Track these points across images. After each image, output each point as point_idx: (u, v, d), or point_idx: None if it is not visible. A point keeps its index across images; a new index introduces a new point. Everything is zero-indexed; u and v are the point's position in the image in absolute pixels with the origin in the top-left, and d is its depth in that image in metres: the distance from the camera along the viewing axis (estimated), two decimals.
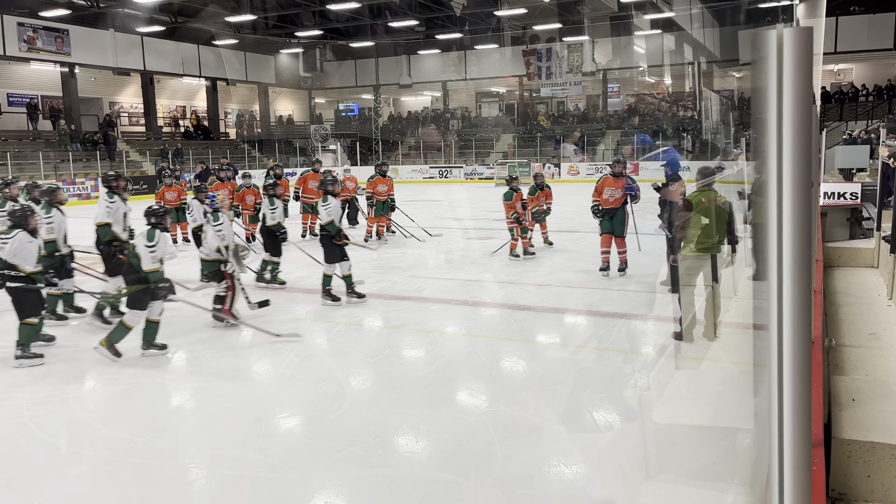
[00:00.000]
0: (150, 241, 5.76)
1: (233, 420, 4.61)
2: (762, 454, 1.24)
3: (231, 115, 37.44)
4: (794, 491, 1.11)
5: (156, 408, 4.88)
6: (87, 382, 5.52)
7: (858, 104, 28.49)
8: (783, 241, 1.05)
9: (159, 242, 5.81)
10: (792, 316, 1.07)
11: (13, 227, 5.77)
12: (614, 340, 6.33)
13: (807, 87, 1.00)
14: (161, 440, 4.31)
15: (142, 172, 26.52)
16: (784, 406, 1.08)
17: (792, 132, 1.01)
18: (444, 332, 6.61)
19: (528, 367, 5.78)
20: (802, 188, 1.03)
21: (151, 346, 6.00)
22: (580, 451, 4.14)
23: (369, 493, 3.64)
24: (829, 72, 30.77)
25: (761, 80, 1.05)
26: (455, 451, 4.09)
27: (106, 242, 7.09)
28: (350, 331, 6.76)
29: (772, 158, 1.03)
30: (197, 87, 34.58)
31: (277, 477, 3.78)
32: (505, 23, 29.91)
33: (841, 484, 3.01)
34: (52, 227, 7.08)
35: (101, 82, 30.08)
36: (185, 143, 29.83)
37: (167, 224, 6.14)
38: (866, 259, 6.74)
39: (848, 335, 4.45)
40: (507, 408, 4.76)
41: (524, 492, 3.65)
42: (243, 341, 6.59)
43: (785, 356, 1.08)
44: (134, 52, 28.47)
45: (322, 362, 5.92)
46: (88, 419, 4.71)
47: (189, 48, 30.68)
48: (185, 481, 3.85)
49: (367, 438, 4.20)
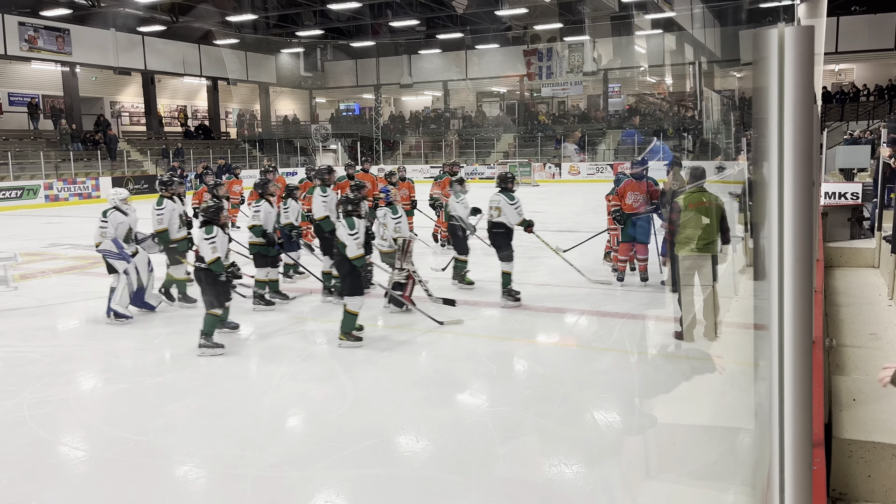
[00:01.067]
0: (351, 229, 6.05)
1: (233, 419, 4.61)
2: (763, 454, 1.24)
3: (232, 114, 37.45)
4: (795, 491, 1.11)
5: (156, 407, 4.88)
6: (87, 382, 5.53)
7: (859, 104, 28.48)
8: (784, 240, 1.05)
9: (359, 230, 6.11)
10: (793, 316, 1.07)
11: (208, 223, 6.07)
12: (615, 340, 6.33)
13: (808, 86, 0.99)
14: (161, 439, 4.31)
15: (143, 172, 26.54)
16: (785, 406, 1.08)
17: (793, 131, 1.01)
18: (445, 332, 6.61)
19: (528, 367, 5.78)
20: (804, 188, 1.03)
21: (349, 338, 6.11)
22: (581, 451, 4.14)
23: (370, 493, 3.64)
24: (829, 72, 30.75)
25: (763, 79, 1.05)
26: (456, 450, 4.09)
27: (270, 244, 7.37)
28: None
29: (773, 158, 1.03)
30: (198, 87, 34.59)
31: (278, 476, 3.78)
32: (506, 22, 29.90)
33: (842, 484, 3.00)
34: (259, 216, 7.35)
35: (102, 82, 30.10)
36: (186, 142, 29.84)
37: (361, 212, 6.40)
38: (867, 259, 6.74)
39: (849, 335, 4.44)
40: (508, 408, 4.76)
41: (524, 492, 3.64)
42: (244, 341, 6.60)
43: (786, 356, 1.08)
44: (135, 51, 28.49)
45: (323, 362, 5.92)
46: (89, 418, 4.71)
47: (190, 48, 30.69)
48: (185, 481, 3.85)
49: (367, 438, 4.20)
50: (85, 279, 9.45)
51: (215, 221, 6.05)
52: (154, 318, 7.26)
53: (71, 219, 17.96)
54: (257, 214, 7.35)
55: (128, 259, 6.87)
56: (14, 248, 11.08)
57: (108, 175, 24.67)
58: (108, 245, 6.83)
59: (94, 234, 6.91)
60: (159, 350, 6.29)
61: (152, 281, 7.25)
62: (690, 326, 5.91)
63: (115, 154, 26.37)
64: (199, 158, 25.77)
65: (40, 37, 25.21)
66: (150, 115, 30.75)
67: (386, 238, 7.24)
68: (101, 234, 6.84)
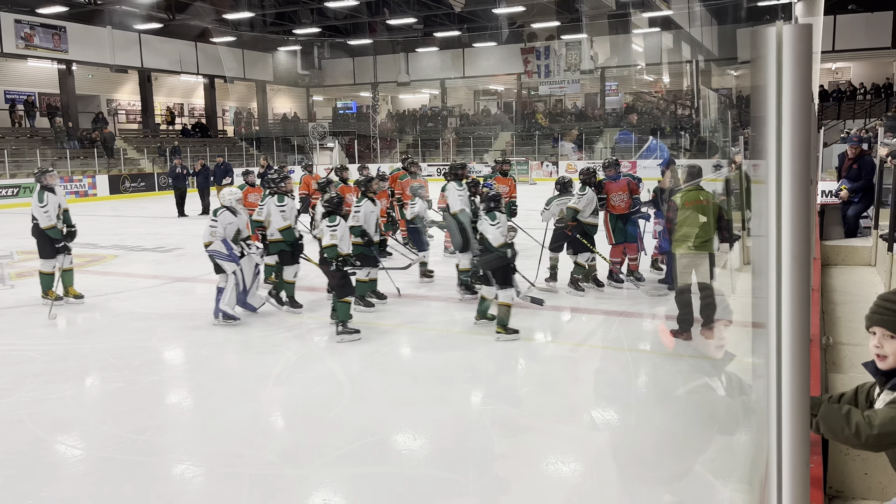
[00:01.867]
0: (493, 220, 6.31)
1: (231, 418, 4.61)
2: (760, 452, 1.24)
3: (229, 112, 37.39)
4: (793, 488, 1.11)
5: (153, 405, 4.87)
6: (84, 380, 5.52)
7: (856, 103, 28.52)
8: (782, 238, 1.05)
9: (501, 221, 6.31)
10: (790, 314, 1.07)
11: (331, 214, 6.32)
12: (612, 338, 6.34)
13: (806, 84, 1.00)
14: (159, 438, 4.30)
15: (139, 170, 26.49)
16: (783, 403, 1.08)
17: (791, 129, 1.01)
18: (442, 329, 6.61)
19: (526, 365, 5.79)
20: (801, 186, 1.03)
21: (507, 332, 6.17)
22: (578, 448, 4.14)
23: (367, 491, 3.64)
24: (826, 70, 30.79)
25: (761, 77, 1.05)
26: (453, 448, 4.09)
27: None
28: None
29: (771, 156, 1.03)
30: (195, 85, 34.52)
31: (275, 474, 3.78)
32: (503, 20, 29.89)
33: (838, 481, 3.01)
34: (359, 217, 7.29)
35: (99, 79, 30.02)
36: (183, 140, 29.78)
37: (500, 205, 6.54)
38: (863, 257, 6.75)
39: (845, 333, 4.45)
40: (506, 405, 4.77)
41: (522, 489, 3.65)
42: (241, 338, 6.59)
43: (783, 354, 1.08)
44: (131, 49, 28.42)
45: (320, 360, 5.92)
46: (86, 417, 4.70)
47: (187, 45, 30.62)
48: (182, 479, 3.85)
49: (365, 436, 4.20)
50: (81, 277, 9.43)
51: (338, 212, 6.37)
52: (152, 317, 7.25)
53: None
54: (357, 214, 7.22)
55: (236, 260, 6.80)
56: (10, 247, 11.07)
57: (104, 173, 24.62)
58: (218, 246, 6.72)
59: (204, 233, 6.78)
60: (157, 348, 6.28)
61: (258, 283, 7.18)
62: (687, 324, 5.92)
63: (113, 152, 26.32)
64: (196, 156, 25.72)
65: (36, 34, 25.14)
66: (146, 113, 30.68)
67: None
68: (210, 234, 6.72)
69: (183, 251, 11.62)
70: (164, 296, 8.31)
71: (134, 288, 8.75)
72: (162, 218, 17.19)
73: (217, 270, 6.84)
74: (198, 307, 7.54)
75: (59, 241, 7.57)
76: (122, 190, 24.38)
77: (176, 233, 14.23)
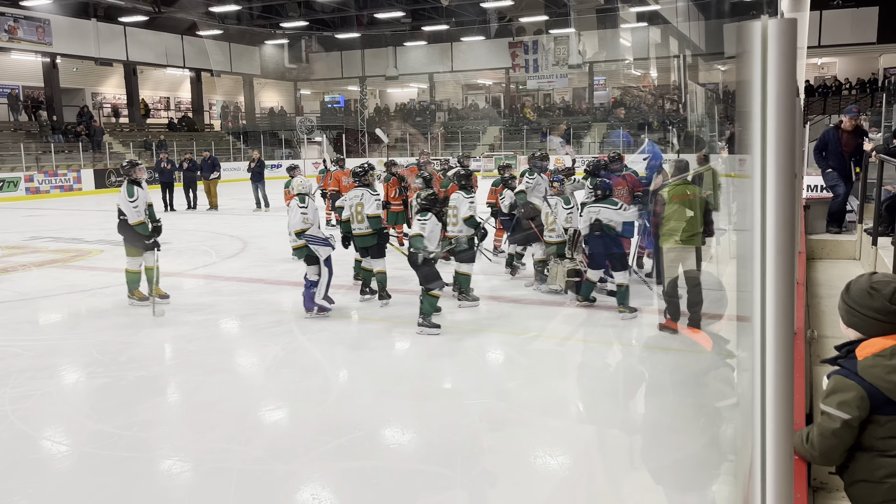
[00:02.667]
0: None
1: (218, 413, 4.59)
2: (745, 444, 1.25)
3: (216, 106, 37.15)
4: (777, 480, 1.12)
5: (140, 401, 4.84)
6: (70, 376, 5.48)
7: (842, 98, 28.72)
8: (767, 232, 1.06)
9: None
10: (775, 307, 1.07)
11: (426, 211, 6.45)
12: (600, 332, 6.36)
13: (791, 78, 1.00)
14: (145, 433, 4.28)
15: None
16: (767, 396, 1.09)
17: (776, 122, 1.01)
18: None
19: (514, 359, 5.80)
20: (786, 180, 1.03)
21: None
22: (566, 442, 4.16)
23: (356, 485, 3.64)
24: (812, 65, 30.98)
25: (746, 72, 1.05)
26: (441, 442, 4.09)
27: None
28: (336, 323, 6.74)
29: (756, 150, 1.04)
30: (181, 78, 34.27)
31: (263, 470, 3.77)
32: (491, 15, 29.86)
33: (822, 474, 3.04)
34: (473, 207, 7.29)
35: (84, 73, 29.73)
36: (169, 134, 29.57)
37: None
38: (848, 251, 6.81)
39: (829, 326, 4.49)
40: (494, 399, 4.78)
41: (510, 483, 3.66)
42: (228, 334, 6.57)
43: (768, 347, 1.09)
44: (116, 42, 28.17)
45: (308, 355, 5.91)
46: (72, 413, 4.67)
47: (172, 38, 30.39)
48: (169, 475, 3.83)
49: (353, 431, 4.20)
50: (67, 272, 9.36)
51: (431, 209, 6.48)
52: (138, 313, 7.21)
53: (52, 211, 17.77)
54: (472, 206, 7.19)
55: (333, 246, 6.78)
56: None
57: (89, 167, 24.41)
58: (315, 231, 6.67)
59: (294, 222, 6.66)
60: (143, 343, 6.24)
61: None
62: (674, 318, 5.96)
63: (100, 146, 26.09)
64: (183, 151, 25.56)
65: (20, 27, 24.85)
66: (132, 106, 30.42)
67: (555, 228, 7.30)
68: (303, 220, 6.63)
69: (169, 246, 11.53)
70: None
71: (120, 283, 8.67)
72: None
73: (309, 262, 6.72)
74: (185, 302, 7.50)
75: (147, 238, 7.28)
76: (108, 184, 24.18)
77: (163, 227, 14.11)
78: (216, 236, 12.78)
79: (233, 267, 9.67)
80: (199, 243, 11.93)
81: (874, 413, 1.95)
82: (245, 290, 8.19)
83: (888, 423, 1.94)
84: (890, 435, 1.95)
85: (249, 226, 14.17)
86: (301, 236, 6.65)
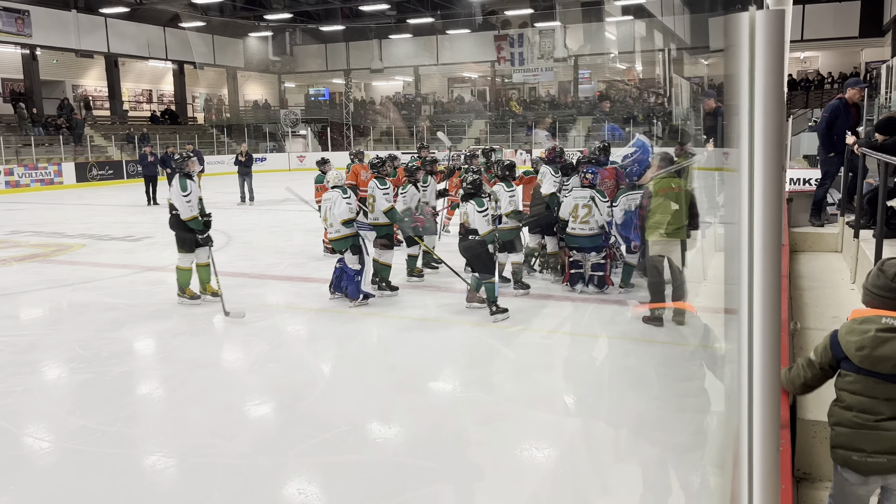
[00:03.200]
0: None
1: (203, 408, 4.56)
2: (731, 435, 1.25)
3: (199, 99, 36.82)
4: (763, 471, 1.12)
5: (123, 396, 4.80)
6: (52, 371, 5.42)
7: (824, 91, 28.97)
8: (755, 225, 1.06)
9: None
10: (762, 300, 1.07)
11: (470, 197, 6.54)
12: (586, 325, 6.39)
13: (779, 70, 1.00)
14: (129, 429, 4.25)
15: (107, 157, 25.98)
16: (754, 388, 1.09)
17: (764, 114, 1.01)
18: (417, 318, 6.61)
19: (500, 352, 5.81)
20: (774, 173, 1.03)
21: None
22: (552, 434, 4.17)
23: (342, 480, 3.63)
24: (795, 59, 31.21)
25: (733, 66, 1.05)
26: (428, 436, 4.10)
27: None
28: (322, 317, 6.72)
29: (744, 143, 1.03)
30: (163, 71, 33.92)
31: (249, 465, 3.75)
32: (477, 8, 29.80)
33: (806, 464, 3.07)
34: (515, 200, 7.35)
35: (64, 65, 29.34)
36: (152, 127, 29.26)
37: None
38: (830, 244, 6.87)
39: (812, 318, 4.54)
40: (480, 393, 4.78)
41: (496, 476, 3.67)
42: (213, 328, 6.52)
43: (755, 339, 1.09)
44: (97, 33, 27.77)
45: (293, 349, 5.88)
46: (54, 409, 4.62)
47: (155, 30, 30.02)
48: (154, 471, 3.80)
49: (339, 425, 4.19)
50: (47, 267, 9.25)
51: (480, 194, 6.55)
52: (121, 307, 7.14)
53: (32, 205, 17.54)
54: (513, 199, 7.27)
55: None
56: None
57: (70, 161, 24.12)
58: (362, 218, 6.86)
59: (339, 212, 6.74)
60: (126, 338, 6.19)
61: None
62: (660, 310, 5.99)
63: (81, 139, 25.77)
64: (165, 144, 25.30)
65: None
66: (114, 99, 30.07)
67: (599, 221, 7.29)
68: (349, 210, 6.76)
69: (153, 240, 11.44)
70: (134, 285, 8.18)
71: (102, 277, 8.60)
72: (131, 206, 16.91)
73: (354, 251, 6.81)
74: (169, 297, 7.44)
75: (201, 233, 7.02)
76: (90, 178, 23.90)
77: (146, 221, 14.00)
78: None
79: (217, 261, 9.57)
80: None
81: (840, 367, 2.34)
82: (229, 283, 8.12)
83: (845, 378, 2.32)
84: (843, 388, 2.33)
85: (234, 219, 14.07)
86: (349, 225, 6.76)
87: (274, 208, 16.18)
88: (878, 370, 2.22)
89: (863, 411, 2.26)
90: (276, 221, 13.90)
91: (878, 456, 2.23)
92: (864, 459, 2.25)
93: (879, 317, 2.26)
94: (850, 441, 2.28)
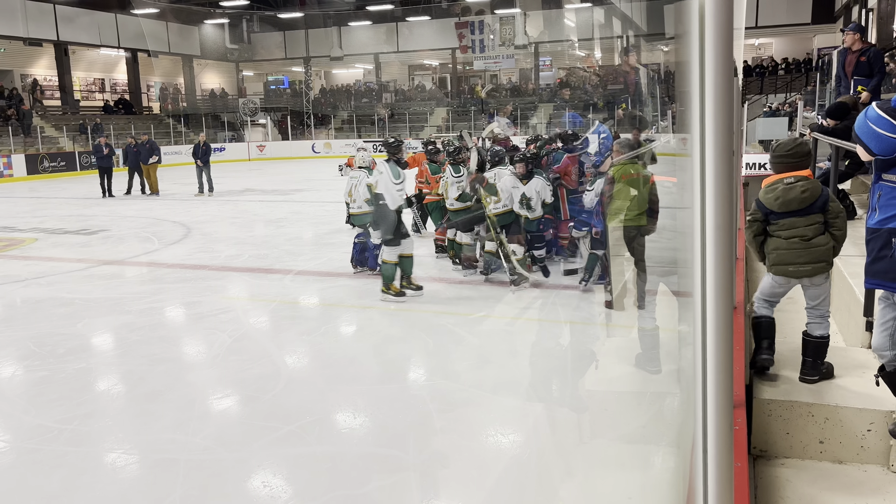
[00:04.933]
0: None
1: (163, 403, 4.49)
2: (688, 416, 1.27)
3: (154, 88, 36.00)
4: (718, 449, 1.14)
5: (81, 394, 4.70)
6: (5, 369, 5.27)
7: (778, 77, 29.57)
8: (706, 209, 1.07)
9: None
10: (714, 282, 1.09)
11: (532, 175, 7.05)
12: (548, 311, 6.45)
13: (727, 55, 1.01)
14: (87, 427, 4.16)
15: (59, 149, 25.27)
16: (708, 369, 1.11)
17: (714, 100, 1.02)
18: (380, 307, 6.59)
19: (463, 340, 5.83)
20: (724, 156, 1.05)
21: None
22: (516, 420, 4.21)
23: (307, 471, 3.62)
24: (750, 46, 31.77)
25: (685, 53, 1.06)
26: (393, 425, 4.10)
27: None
28: (284, 309, 6.66)
29: (695, 124, 1.05)
30: (116, 59, 33.07)
31: (212, 459, 3.71)
32: None
33: (762, 441, 3.15)
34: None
35: (12, 53, 28.39)
36: (105, 117, 28.52)
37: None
38: None
39: None
40: (444, 381, 4.80)
41: (461, 462, 3.69)
42: (173, 322, 6.41)
43: (708, 321, 1.11)
44: (46, 20, 26.94)
45: (256, 341, 5.82)
46: (8, 408, 4.50)
47: (106, 17, 29.22)
48: (114, 468, 3.73)
49: (304, 417, 4.16)
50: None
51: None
52: (77, 302, 6.97)
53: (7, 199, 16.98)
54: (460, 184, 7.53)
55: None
56: None
57: (20, 153, 23.40)
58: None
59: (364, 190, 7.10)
60: (83, 334, 6.05)
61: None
62: (620, 295, 6.07)
63: (31, 130, 25.01)
64: (120, 134, 24.72)
65: None
66: (64, 89, 29.22)
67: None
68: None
69: (109, 233, 11.19)
70: (90, 280, 7.99)
71: (57, 272, 8.38)
72: (85, 199, 16.49)
73: (375, 227, 6.92)
74: (127, 291, 7.29)
75: (410, 206, 6.98)
76: (41, 170, 23.24)
77: (101, 214, 13.68)
78: (158, 222, 12.44)
79: (176, 253, 9.44)
80: (140, 230, 11.59)
81: (769, 219, 3.40)
82: (189, 276, 8.00)
83: (774, 224, 3.38)
84: (777, 229, 3.37)
85: (192, 211, 13.83)
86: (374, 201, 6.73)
87: (233, 199, 15.95)
88: (792, 209, 3.27)
89: (794, 237, 3.30)
90: (236, 213, 13.71)
91: (805, 266, 3.28)
92: (797, 269, 3.30)
93: (781, 179, 3.33)
94: (787, 258, 3.32)
